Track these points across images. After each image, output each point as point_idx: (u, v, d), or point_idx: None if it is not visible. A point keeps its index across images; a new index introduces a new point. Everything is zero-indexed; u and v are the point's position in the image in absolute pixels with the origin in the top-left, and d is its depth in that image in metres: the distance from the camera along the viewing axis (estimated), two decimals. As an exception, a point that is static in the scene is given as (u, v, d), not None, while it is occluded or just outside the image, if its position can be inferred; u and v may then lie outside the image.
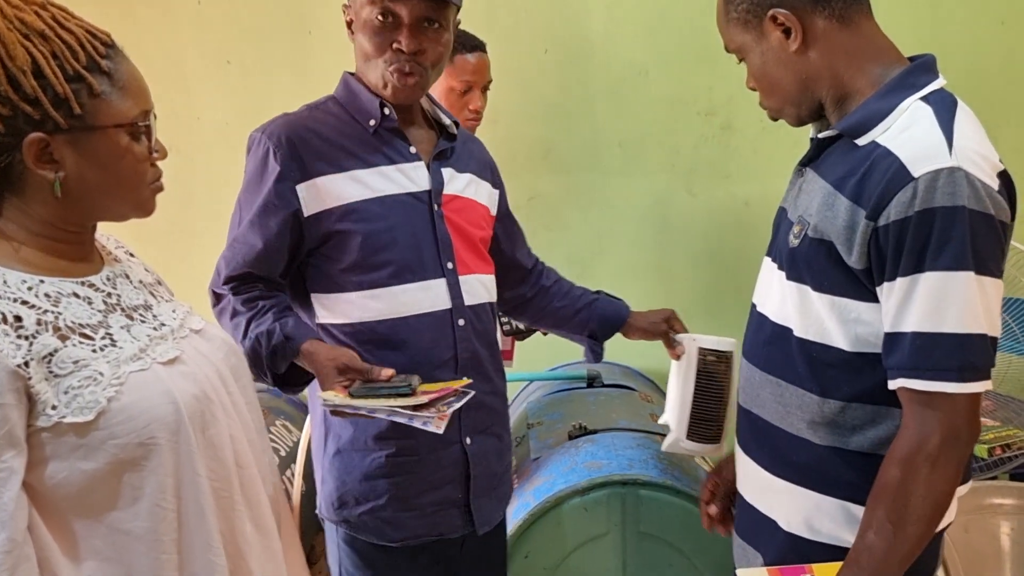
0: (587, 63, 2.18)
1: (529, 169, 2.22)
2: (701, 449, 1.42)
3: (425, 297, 1.20)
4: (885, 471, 0.94)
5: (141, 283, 0.92)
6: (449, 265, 1.22)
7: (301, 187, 1.16)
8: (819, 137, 1.05)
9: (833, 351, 1.00)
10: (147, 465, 0.78)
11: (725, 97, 2.14)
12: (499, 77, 1.85)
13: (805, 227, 1.01)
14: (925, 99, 0.96)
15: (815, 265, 1.00)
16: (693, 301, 2.23)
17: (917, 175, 0.90)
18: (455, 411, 1.04)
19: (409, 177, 1.22)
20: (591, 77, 2.18)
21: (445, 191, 1.25)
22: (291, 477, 1.92)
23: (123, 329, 0.83)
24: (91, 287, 0.84)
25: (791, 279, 1.04)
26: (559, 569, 1.50)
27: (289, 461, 2.02)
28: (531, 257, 1.48)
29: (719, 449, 1.42)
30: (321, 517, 1.29)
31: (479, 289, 1.27)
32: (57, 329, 0.77)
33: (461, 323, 1.23)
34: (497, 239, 1.37)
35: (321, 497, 1.27)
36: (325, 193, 1.17)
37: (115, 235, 0.98)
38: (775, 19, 1.01)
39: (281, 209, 1.15)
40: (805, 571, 0.95)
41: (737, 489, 1.17)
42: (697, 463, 1.67)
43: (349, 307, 1.19)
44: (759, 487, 1.11)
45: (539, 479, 1.56)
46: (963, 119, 0.94)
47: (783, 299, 1.06)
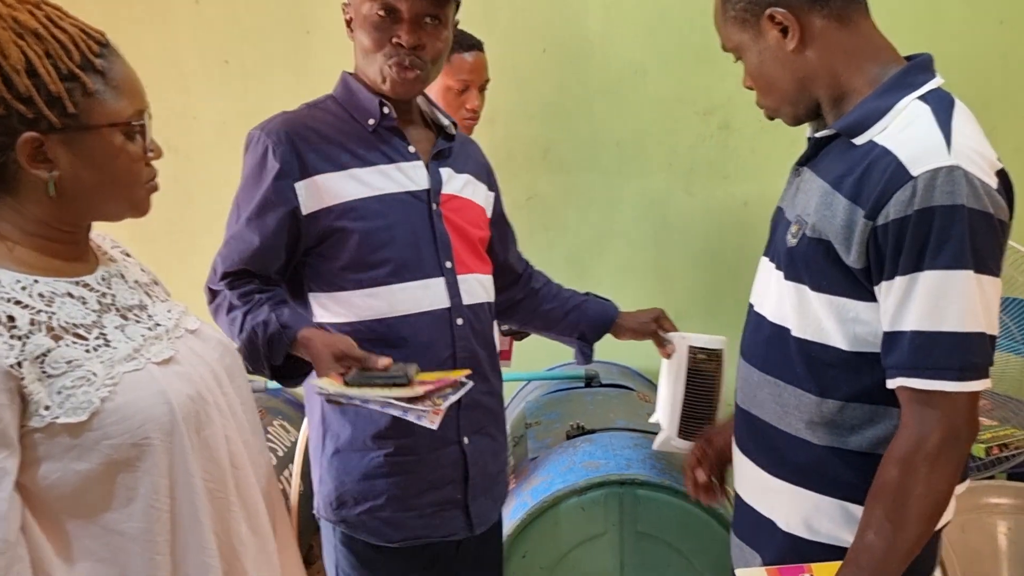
0: (585, 63, 2.18)
1: (527, 169, 2.22)
2: (692, 447, 1.41)
3: (423, 296, 1.20)
4: (884, 470, 0.94)
5: (136, 283, 0.92)
6: (448, 264, 1.22)
7: (300, 185, 1.16)
8: (816, 136, 1.05)
9: (831, 351, 1.00)
10: (141, 466, 0.78)
11: (724, 97, 2.14)
12: (497, 77, 1.85)
13: (803, 227, 1.01)
14: (923, 98, 0.96)
15: (813, 265, 1.00)
16: (691, 301, 2.24)
17: (916, 174, 0.90)
18: (452, 406, 1.03)
19: (408, 176, 1.22)
20: (589, 77, 2.18)
21: (443, 190, 1.25)
22: (289, 477, 1.92)
23: (117, 329, 0.82)
24: (86, 287, 0.83)
25: (789, 279, 1.04)
26: (557, 569, 1.50)
27: (287, 461, 2.02)
28: (522, 261, 1.49)
29: None
30: (318, 517, 1.28)
31: (477, 289, 1.27)
32: (51, 329, 0.77)
33: (459, 322, 1.22)
34: (491, 242, 1.37)
35: (319, 497, 1.27)
36: (324, 191, 1.16)
37: (112, 235, 0.98)
38: (772, 18, 1.00)
39: (279, 206, 1.15)
40: (804, 571, 0.95)
41: (736, 490, 1.17)
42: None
43: (347, 306, 1.19)
44: (757, 487, 1.11)
45: (537, 479, 1.56)
46: (961, 118, 0.94)
47: (781, 299, 1.05)
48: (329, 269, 1.19)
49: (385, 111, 1.21)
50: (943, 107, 0.95)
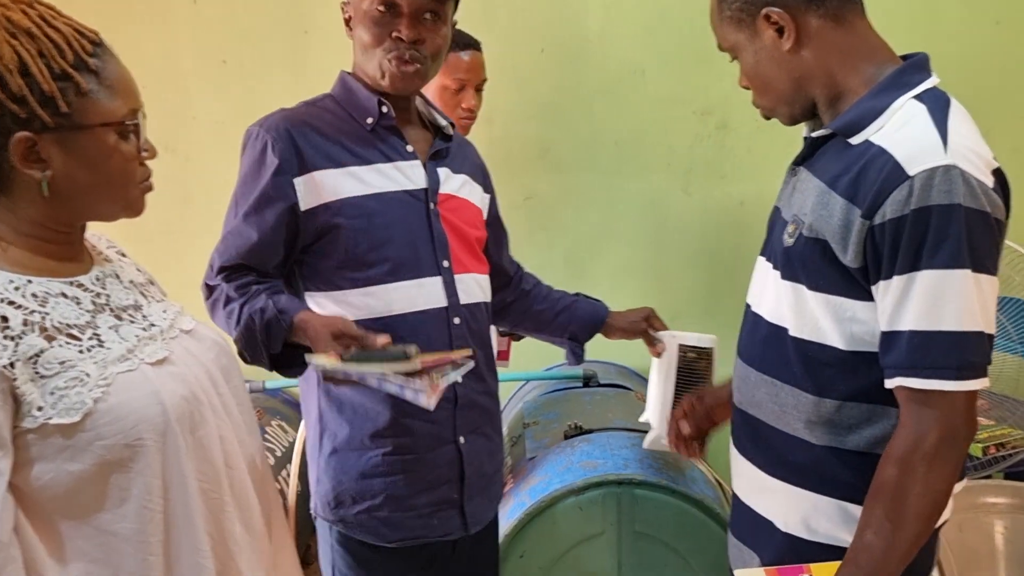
0: (584, 63, 2.18)
1: (526, 169, 2.22)
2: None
3: (420, 295, 1.20)
4: (882, 470, 0.94)
5: (132, 283, 0.91)
6: (445, 263, 1.22)
7: (298, 180, 1.15)
8: (812, 136, 1.04)
9: (829, 350, 0.99)
10: (134, 466, 0.78)
11: (721, 97, 2.14)
12: (495, 77, 1.85)
13: (800, 226, 1.01)
14: (918, 97, 0.96)
15: (810, 264, 1.00)
16: (689, 300, 2.23)
17: (912, 173, 0.90)
18: (449, 404, 1.01)
19: (406, 175, 1.22)
20: (588, 77, 2.18)
21: (441, 190, 1.25)
22: (287, 477, 1.92)
23: (111, 329, 0.82)
24: (80, 287, 0.83)
25: (786, 278, 1.04)
26: (554, 568, 1.50)
27: (285, 461, 2.01)
28: (513, 263, 1.50)
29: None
30: (315, 516, 1.28)
31: (474, 288, 1.27)
32: (44, 330, 0.77)
33: (456, 321, 1.22)
34: (485, 244, 1.37)
35: (316, 496, 1.26)
36: (322, 187, 1.16)
37: (110, 235, 0.98)
38: (768, 18, 1.00)
39: (278, 201, 1.15)
40: (803, 571, 0.94)
41: (733, 489, 1.17)
42: (693, 462, 1.67)
43: (344, 305, 1.18)
44: (755, 487, 1.11)
45: (535, 478, 1.56)
46: (957, 117, 0.94)
47: (778, 299, 1.05)
48: (326, 267, 1.19)
49: (384, 110, 1.21)
50: (939, 106, 0.94)
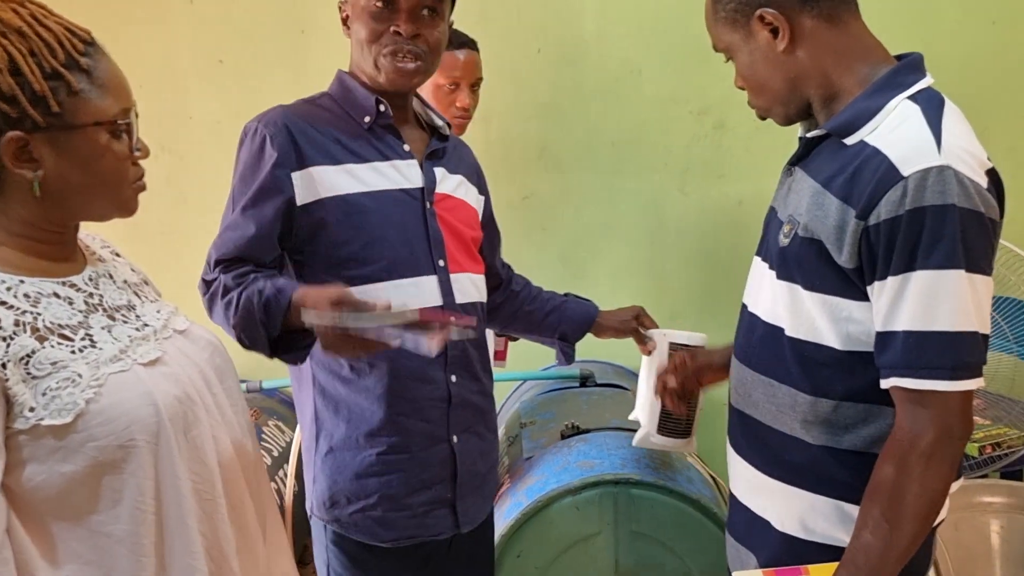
0: (581, 62, 2.17)
1: (523, 169, 2.21)
2: (671, 444, 1.42)
3: (416, 293, 1.19)
4: (879, 470, 0.94)
5: (125, 283, 0.91)
6: (440, 263, 1.22)
7: (296, 175, 1.15)
8: (807, 136, 1.04)
9: (825, 350, 0.99)
10: (127, 467, 0.78)
11: (718, 96, 2.14)
12: (492, 76, 1.85)
13: (795, 226, 1.01)
14: (913, 98, 0.96)
15: (805, 264, 1.00)
16: (687, 300, 2.23)
17: (907, 174, 0.90)
18: (444, 402, 0.99)
19: (403, 174, 1.21)
20: (585, 76, 2.18)
21: (437, 190, 1.25)
22: (284, 477, 1.91)
23: (104, 330, 0.82)
24: (72, 287, 0.83)
25: (782, 278, 1.04)
26: (551, 568, 1.50)
27: (282, 462, 2.01)
28: (505, 266, 1.50)
29: (689, 444, 1.42)
30: (310, 516, 1.28)
31: (470, 288, 1.27)
32: (36, 330, 0.76)
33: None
34: (479, 246, 1.37)
35: (312, 496, 1.26)
36: (318, 183, 1.16)
37: (106, 235, 0.97)
38: (763, 18, 1.00)
39: (276, 194, 1.14)
40: (800, 572, 0.95)
41: (731, 490, 1.17)
42: (690, 462, 1.67)
43: (341, 303, 1.18)
44: (752, 487, 1.11)
45: (531, 478, 1.55)
46: (951, 117, 0.94)
47: (774, 299, 1.05)
48: (321, 266, 1.18)
49: (381, 108, 1.21)
50: (933, 107, 0.94)
